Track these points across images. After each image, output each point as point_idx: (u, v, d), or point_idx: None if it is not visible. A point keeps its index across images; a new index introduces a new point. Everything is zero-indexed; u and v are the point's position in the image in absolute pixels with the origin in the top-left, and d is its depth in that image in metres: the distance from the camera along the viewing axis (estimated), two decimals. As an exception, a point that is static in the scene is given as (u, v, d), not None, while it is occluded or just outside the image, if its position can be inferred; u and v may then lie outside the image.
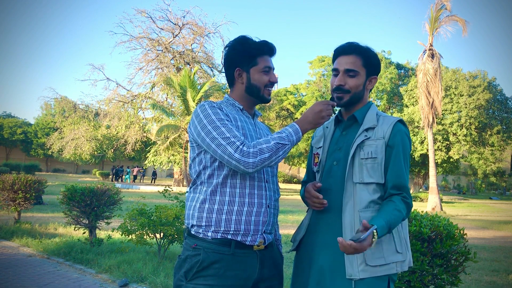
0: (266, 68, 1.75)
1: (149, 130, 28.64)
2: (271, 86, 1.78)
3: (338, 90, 1.71)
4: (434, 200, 18.50)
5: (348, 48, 1.72)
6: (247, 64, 1.75)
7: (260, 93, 1.76)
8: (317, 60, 36.93)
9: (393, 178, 1.61)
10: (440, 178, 44.72)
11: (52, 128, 41.82)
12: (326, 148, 1.80)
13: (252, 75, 1.75)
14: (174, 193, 5.57)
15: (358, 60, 1.71)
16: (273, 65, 1.79)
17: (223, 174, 1.63)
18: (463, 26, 18.70)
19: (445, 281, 2.79)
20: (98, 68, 27.32)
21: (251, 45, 1.74)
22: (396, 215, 1.54)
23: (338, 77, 1.71)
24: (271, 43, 1.79)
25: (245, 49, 1.74)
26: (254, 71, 1.75)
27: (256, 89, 1.76)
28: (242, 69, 1.76)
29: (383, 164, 1.63)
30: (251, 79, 1.75)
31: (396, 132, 1.64)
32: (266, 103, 1.83)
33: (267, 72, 1.75)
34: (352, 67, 1.69)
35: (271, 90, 1.81)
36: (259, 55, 1.74)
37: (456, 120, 28.65)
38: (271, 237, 1.73)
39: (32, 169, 30.01)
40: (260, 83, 1.75)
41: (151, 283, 4.33)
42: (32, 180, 7.93)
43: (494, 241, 9.38)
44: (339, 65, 1.72)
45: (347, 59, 1.71)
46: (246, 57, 1.74)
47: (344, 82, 1.70)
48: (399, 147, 1.63)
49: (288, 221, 10.26)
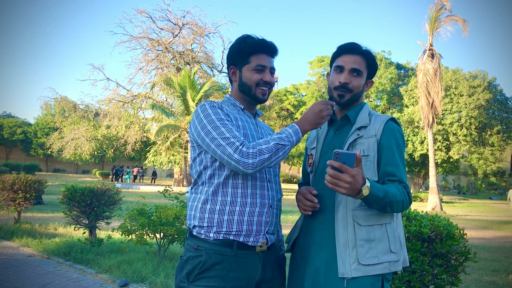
0: (259, 67, 1.71)
1: (149, 130, 28.62)
2: (265, 85, 1.73)
3: (342, 88, 1.70)
4: (434, 200, 18.51)
5: (355, 48, 1.72)
6: (240, 62, 1.74)
7: (251, 92, 1.73)
8: (316, 60, 36.94)
9: (390, 170, 1.60)
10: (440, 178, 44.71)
11: (52, 128, 41.82)
12: (319, 148, 1.80)
13: (243, 74, 1.73)
14: (174, 193, 5.57)
15: (363, 61, 1.71)
16: (271, 64, 1.75)
17: (224, 174, 1.62)
18: (463, 25, 18.70)
19: (445, 281, 2.79)
20: (98, 68, 27.33)
21: (247, 43, 1.72)
22: (394, 192, 1.51)
23: (343, 75, 1.69)
24: (270, 42, 1.75)
25: (240, 47, 1.73)
26: (245, 69, 1.73)
27: (247, 87, 1.73)
28: (235, 67, 1.76)
29: (376, 161, 1.62)
30: (242, 78, 1.74)
31: (388, 129, 1.64)
32: (260, 103, 1.79)
33: (259, 71, 1.72)
34: (358, 67, 1.69)
35: (267, 90, 1.75)
36: (254, 54, 1.72)
37: (456, 120, 28.65)
38: (273, 238, 1.72)
39: (32, 169, 29.97)
40: (250, 82, 1.72)
41: (151, 283, 4.33)
42: (32, 180, 7.93)
43: (494, 241, 9.38)
44: (344, 63, 1.70)
45: (354, 58, 1.70)
46: (240, 55, 1.73)
47: (349, 81, 1.69)
48: (392, 143, 1.62)
49: (288, 221, 10.25)
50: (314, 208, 1.66)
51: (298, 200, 1.73)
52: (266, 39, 1.75)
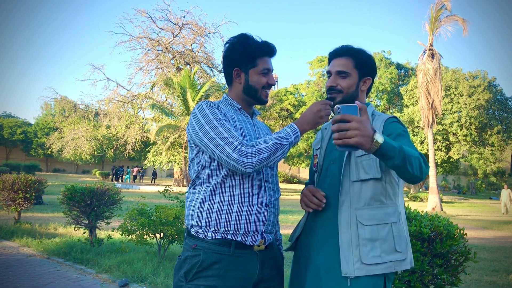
0: (265, 70, 1.73)
1: (149, 130, 28.64)
2: (268, 88, 1.77)
3: (330, 91, 1.76)
4: (434, 200, 18.52)
5: (340, 51, 1.78)
6: (246, 65, 1.72)
7: (257, 95, 1.75)
8: (316, 60, 36.92)
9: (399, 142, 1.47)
10: (440, 178, 44.69)
11: (52, 128, 41.82)
12: (323, 148, 1.83)
13: (250, 77, 1.73)
14: (174, 193, 5.56)
15: (349, 62, 1.74)
16: (272, 66, 1.78)
17: (222, 174, 1.62)
18: (463, 25, 18.71)
19: (445, 281, 2.79)
20: (98, 68, 27.36)
21: (252, 46, 1.71)
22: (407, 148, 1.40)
23: (330, 79, 1.77)
24: (272, 44, 1.77)
25: (245, 50, 1.71)
26: (253, 72, 1.72)
27: (254, 90, 1.74)
28: (240, 70, 1.74)
29: (378, 159, 1.61)
30: (249, 81, 1.73)
31: (389, 124, 1.67)
32: (264, 104, 1.82)
33: (265, 74, 1.74)
34: (343, 69, 1.74)
35: (269, 92, 1.81)
36: (259, 57, 1.72)
37: (456, 120, 28.66)
38: (271, 237, 1.72)
39: (32, 169, 29.93)
40: (258, 85, 1.73)
41: (151, 283, 4.33)
42: (32, 180, 7.93)
43: (494, 241, 9.38)
44: (331, 67, 1.79)
45: (339, 61, 1.76)
46: (246, 57, 1.71)
47: (335, 83, 1.75)
48: (395, 133, 1.63)
49: (288, 221, 10.26)
50: (318, 207, 1.68)
51: (304, 195, 1.74)
52: (267, 41, 1.76)
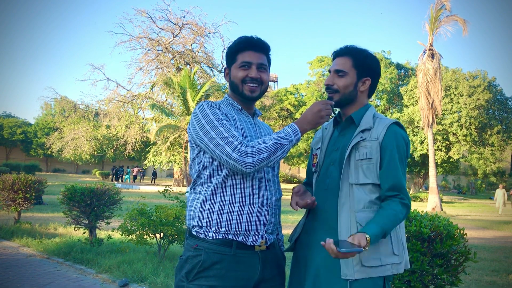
0: (244, 63, 1.72)
1: (149, 130, 28.63)
2: (252, 82, 1.72)
3: (327, 89, 1.77)
4: (434, 200, 18.51)
5: (340, 50, 1.79)
6: (229, 62, 1.78)
7: (239, 90, 1.74)
8: (316, 60, 36.89)
9: (389, 179, 1.61)
10: (440, 178, 44.66)
11: (52, 128, 41.78)
12: (324, 148, 1.82)
13: (232, 72, 1.76)
14: (174, 193, 5.57)
15: (348, 61, 1.74)
16: (259, 60, 1.73)
17: (223, 174, 1.62)
18: (463, 25, 18.70)
19: (445, 281, 2.79)
20: (98, 68, 27.34)
21: (234, 43, 1.76)
22: (393, 220, 1.55)
23: (328, 77, 1.78)
24: (256, 38, 1.75)
25: (229, 48, 1.77)
26: (233, 68, 1.76)
27: (235, 85, 1.75)
28: (228, 68, 1.79)
29: (378, 164, 1.62)
30: (231, 77, 1.76)
31: (390, 134, 1.64)
32: (250, 100, 1.76)
33: (244, 67, 1.72)
34: (340, 68, 1.74)
35: (256, 87, 1.73)
36: (240, 52, 1.74)
37: (456, 120, 28.63)
38: (272, 237, 1.72)
39: (32, 169, 29.96)
40: (236, 79, 1.73)
41: (151, 283, 4.33)
42: (32, 180, 7.92)
43: (494, 241, 9.38)
44: (332, 66, 1.81)
45: (338, 61, 1.77)
46: (229, 55, 1.77)
47: (332, 82, 1.75)
48: (393, 148, 1.63)
49: (288, 221, 10.24)
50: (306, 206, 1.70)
51: (295, 192, 1.75)
52: (254, 36, 1.75)
